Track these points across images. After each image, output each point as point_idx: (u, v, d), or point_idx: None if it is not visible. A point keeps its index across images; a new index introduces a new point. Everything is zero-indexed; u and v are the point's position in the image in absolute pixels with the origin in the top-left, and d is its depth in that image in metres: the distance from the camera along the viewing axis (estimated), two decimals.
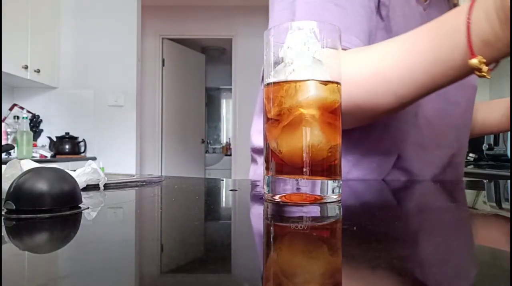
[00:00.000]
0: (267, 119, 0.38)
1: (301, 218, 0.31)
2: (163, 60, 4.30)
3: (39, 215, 0.29)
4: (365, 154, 0.62)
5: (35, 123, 3.11)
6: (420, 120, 0.63)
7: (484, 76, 0.40)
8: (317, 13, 0.55)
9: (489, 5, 0.38)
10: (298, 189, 0.35)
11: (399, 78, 0.46)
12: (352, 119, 0.54)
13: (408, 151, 0.62)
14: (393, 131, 0.62)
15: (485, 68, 0.39)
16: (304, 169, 0.35)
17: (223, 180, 0.67)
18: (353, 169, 0.61)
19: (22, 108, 3.09)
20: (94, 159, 3.06)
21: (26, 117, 2.75)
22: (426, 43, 0.44)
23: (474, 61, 0.39)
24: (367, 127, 0.60)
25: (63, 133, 3.07)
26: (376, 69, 0.48)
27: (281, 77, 0.36)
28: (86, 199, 0.40)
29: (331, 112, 0.37)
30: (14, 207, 0.29)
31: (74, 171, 0.47)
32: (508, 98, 0.75)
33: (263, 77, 0.61)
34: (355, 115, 0.52)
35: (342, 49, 0.53)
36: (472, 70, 0.40)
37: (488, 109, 0.79)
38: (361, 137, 0.61)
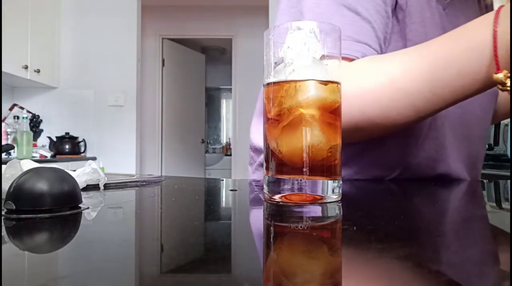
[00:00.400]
0: (267, 119, 0.38)
1: (301, 218, 0.31)
2: (163, 60, 4.30)
3: (39, 215, 0.29)
4: (369, 164, 0.59)
5: (35, 123, 3.11)
6: (434, 132, 0.58)
7: (507, 90, 0.39)
8: (327, 17, 0.52)
9: None
10: (298, 189, 0.35)
11: (419, 91, 0.44)
12: (363, 135, 0.51)
13: (418, 163, 0.59)
14: (403, 145, 0.58)
15: (509, 82, 0.38)
16: (304, 169, 0.35)
17: (223, 180, 0.67)
18: (354, 175, 0.60)
19: (22, 108, 3.09)
20: (94, 159, 3.06)
21: (26, 117, 2.76)
22: (449, 55, 0.42)
23: (500, 75, 0.38)
24: (375, 140, 0.57)
25: (63, 133, 3.07)
26: (393, 82, 0.45)
27: (281, 77, 0.36)
28: (86, 199, 0.40)
29: (331, 112, 0.36)
30: (14, 207, 0.29)
31: (74, 171, 0.47)
32: None
33: None
34: (368, 131, 0.50)
35: (353, 59, 0.50)
36: (495, 84, 0.39)
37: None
38: (367, 149, 0.59)
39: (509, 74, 0.38)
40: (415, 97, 0.45)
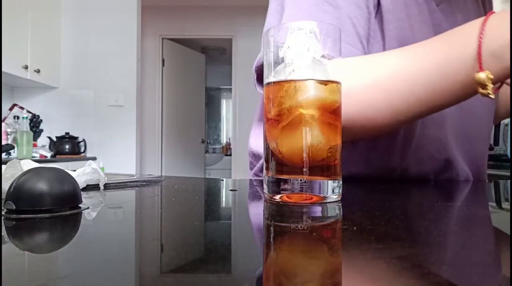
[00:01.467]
0: (267, 120, 0.38)
1: (301, 218, 0.31)
2: (163, 60, 4.30)
3: (39, 215, 0.29)
4: (368, 168, 0.59)
5: (35, 123, 3.11)
6: (433, 131, 0.57)
7: (487, 95, 0.38)
8: (306, 14, 0.51)
9: (507, 17, 0.36)
10: (298, 189, 0.35)
11: (399, 90, 0.43)
12: (349, 136, 0.50)
13: (418, 162, 0.58)
14: (401, 148, 0.57)
15: (490, 85, 0.37)
16: (304, 169, 0.35)
17: (223, 180, 0.67)
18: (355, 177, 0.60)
19: (22, 108, 3.09)
20: (94, 159, 3.06)
21: (26, 117, 2.76)
22: (432, 55, 0.41)
23: (482, 75, 0.37)
24: (373, 143, 0.56)
25: (63, 133, 3.07)
26: (377, 82, 0.45)
27: (281, 77, 0.36)
28: (86, 199, 0.40)
29: (331, 112, 0.36)
30: (14, 207, 0.29)
31: (74, 171, 0.47)
32: None
33: (257, 77, 0.59)
34: (348, 130, 0.48)
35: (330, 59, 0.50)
36: (476, 87, 0.38)
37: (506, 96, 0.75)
38: (366, 152, 0.58)
39: (491, 76, 0.37)
40: (394, 97, 0.44)
